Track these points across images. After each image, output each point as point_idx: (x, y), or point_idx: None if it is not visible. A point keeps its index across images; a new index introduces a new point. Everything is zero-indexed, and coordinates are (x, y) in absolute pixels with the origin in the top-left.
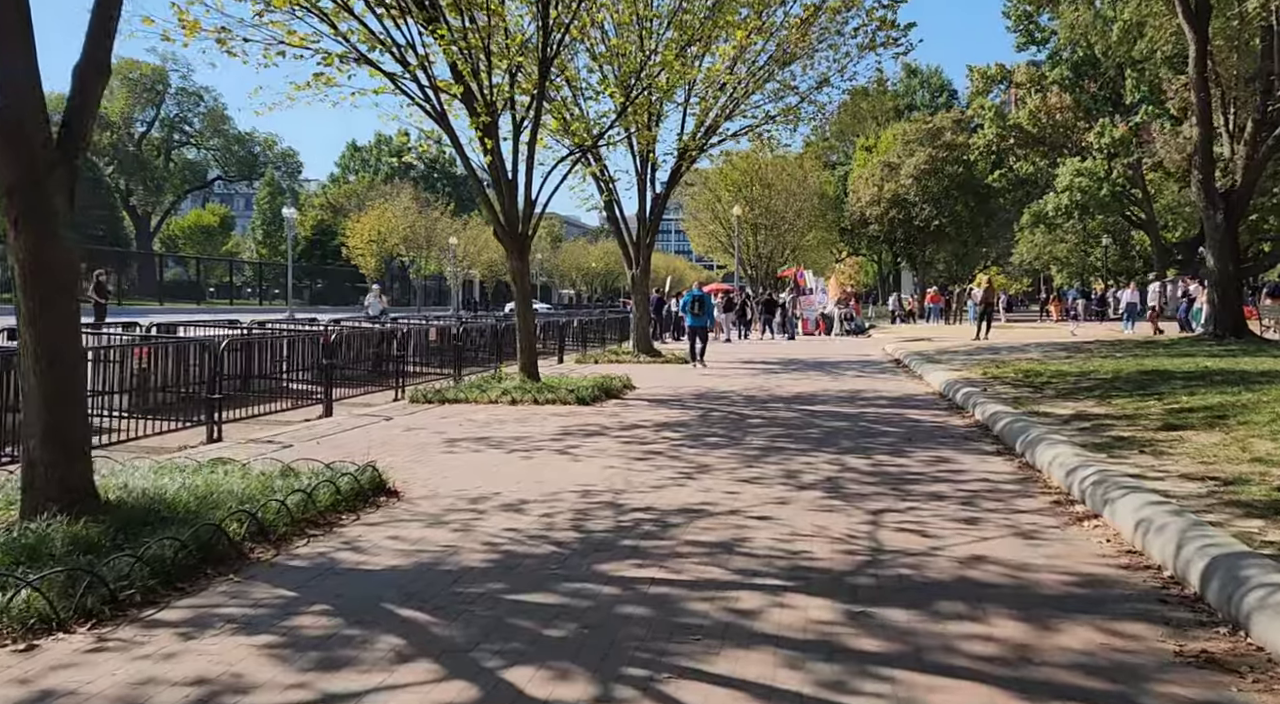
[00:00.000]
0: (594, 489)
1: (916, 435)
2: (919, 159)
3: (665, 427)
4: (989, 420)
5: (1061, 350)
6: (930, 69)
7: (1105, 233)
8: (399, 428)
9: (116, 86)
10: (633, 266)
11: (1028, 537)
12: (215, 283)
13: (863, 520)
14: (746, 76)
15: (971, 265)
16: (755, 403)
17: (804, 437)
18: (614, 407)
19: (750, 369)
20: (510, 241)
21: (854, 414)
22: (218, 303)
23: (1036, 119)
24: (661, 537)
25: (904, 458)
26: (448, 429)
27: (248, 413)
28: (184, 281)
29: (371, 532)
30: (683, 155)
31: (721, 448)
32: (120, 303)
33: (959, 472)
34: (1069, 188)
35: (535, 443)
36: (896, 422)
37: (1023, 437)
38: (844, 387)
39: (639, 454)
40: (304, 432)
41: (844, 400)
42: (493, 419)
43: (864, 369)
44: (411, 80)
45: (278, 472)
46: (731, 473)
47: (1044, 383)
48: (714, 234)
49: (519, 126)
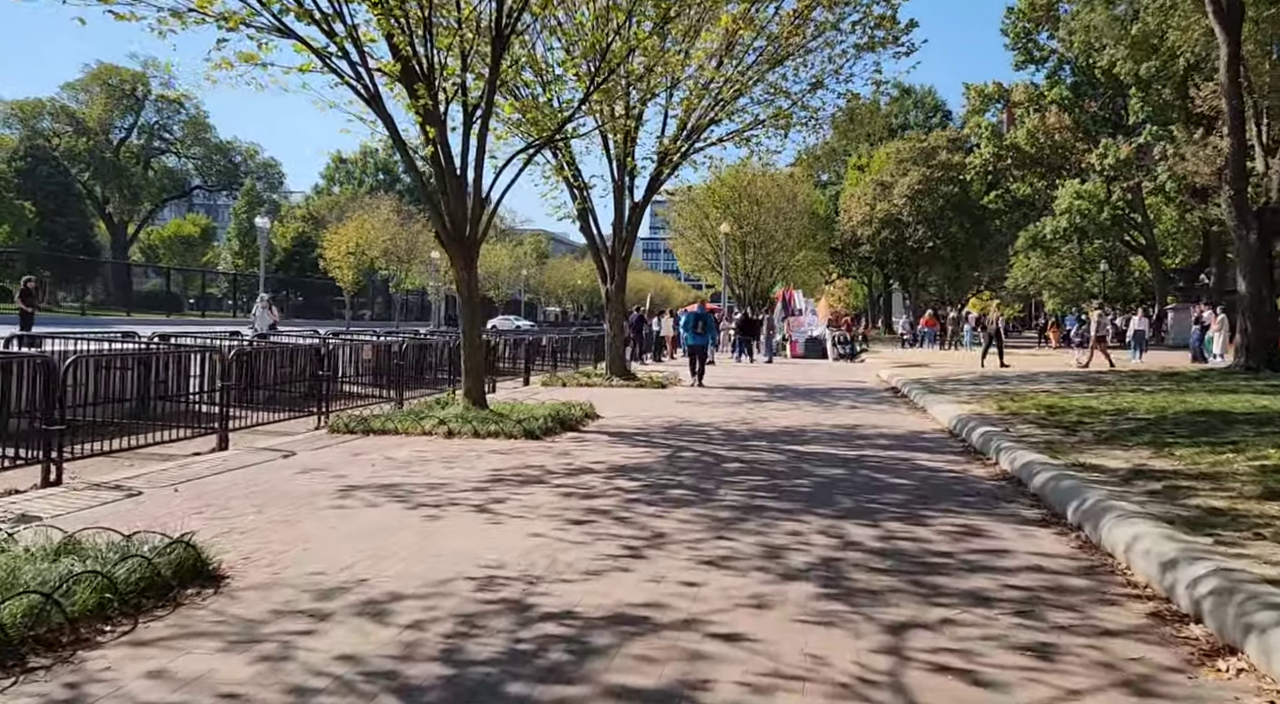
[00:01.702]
0: (501, 575)
1: (933, 491)
2: (913, 178)
3: (621, 472)
4: (1021, 472)
5: (1077, 381)
6: (924, 89)
7: (1103, 258)
8: (293, 468)
9: (95, 92)
10: (607, 281)
11: (1141, 692)
12: (196, 294)
13: (879, 644)
14: (735, 76)
15: (964, 289)
16: (734, 440)
17: (792, 490)
18: (567, 442)
19: (733, 396)
20: (455, 247)
21: (852, 458)
22: (190, 315)
23: (1034, 139)
24: (574, 676)
25: (921, 526)
26: (352, 471)
27: (127, 444)
28: (160, 292)
29: (132, 662)
30: (663, 160)
31: (686, 505)
32: (85, 313)
33: (999, 552)
34: (1068, 210)
35: (453, 494)
36: (905, 470)
37: (1076, 502)
38: (838, 420)
39: (578, 514)
40: (176, 471)
41: (839, 439)
42: (416, 457)
43: (859, 398)
44: (341, 57)
45: (53, 547)
46: (694, 548)
47: (1075, 422)
48: (701, 252)
49: (470, 115)
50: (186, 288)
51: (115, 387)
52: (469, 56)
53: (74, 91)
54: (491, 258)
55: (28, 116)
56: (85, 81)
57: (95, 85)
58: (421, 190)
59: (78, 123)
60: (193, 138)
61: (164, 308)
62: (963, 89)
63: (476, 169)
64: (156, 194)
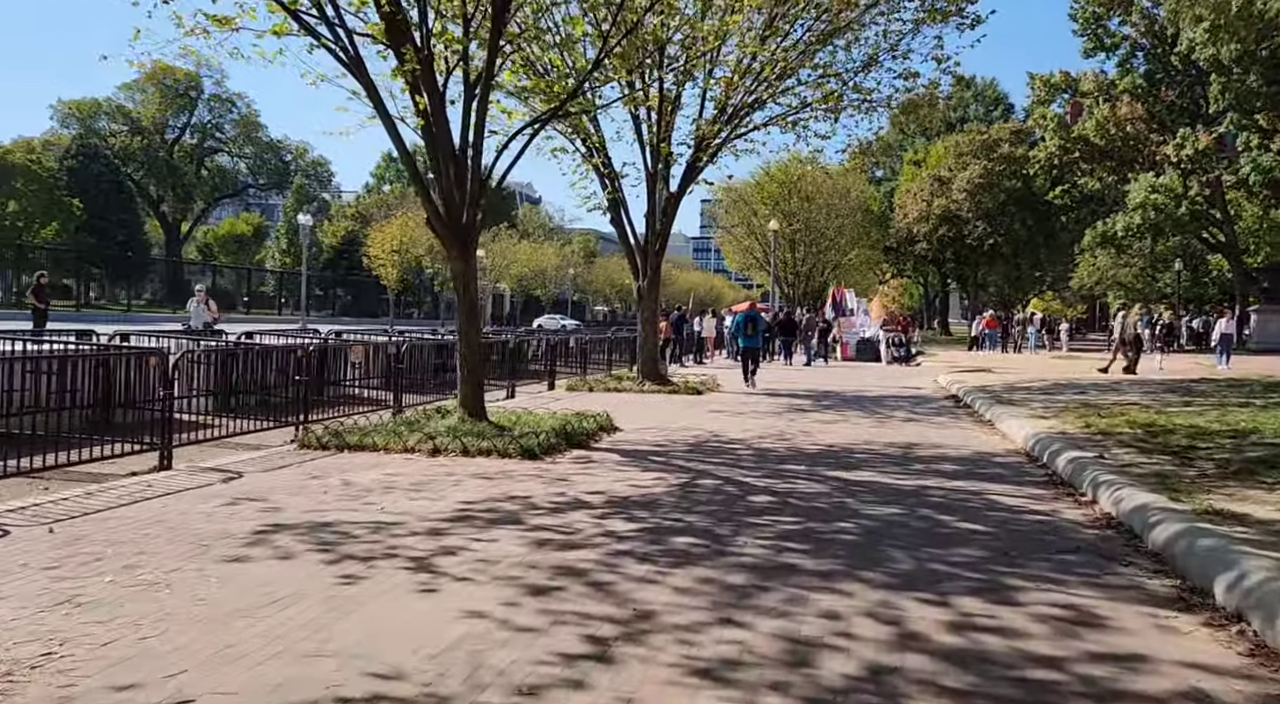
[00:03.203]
0: (391, 697)
1: (1017, 543)
2: (973, 172)
3: (620, 508)
4: (1131, 518)
5: (1167, 391)
6: (984, 81)
7: (1177, 256)
8: (223, 497)
9: (150, 91)
10: (639, 277)
11: None
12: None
13: None
14: (780, 54)
15: (1025, 289)
16: (767, 463)
17: (832, 540)
18: (569, 464)
19: (773, 404)
20: (449, 234)
21: (909, 489)
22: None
23: (1105, 130)
24: None
25: (1010, 606)
26: (293, 503)
27: (57, 460)
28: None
29: None
30: (700, 146)
31: (690, 562)
32: (130, 310)
33: (1130, 660)
34: (1142, 205)
35: (397, 540)
36: (977, 509)
37: (1231, 576)
38: (892, 436)
39: (544, 576)
40: (82, 500)
41: (893, 462)
42: (381, 483)
43: (916, 408)
44: (317, 16)
45: None
46: (687, 642)
47: (1186, 447)
48: (749, 250)
49: (472, 87)
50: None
51: (42, 391)
52: (471, 19)
53: (130, 91)
54: (539, 257)
55: (85, 116)
56: (141, 82)
57: (150, 85)
58: (410, 171)
59: (133, 122)
60: (244, 136)
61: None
62: (1027, 79)
63: (475, 147)
64: (209, 193)
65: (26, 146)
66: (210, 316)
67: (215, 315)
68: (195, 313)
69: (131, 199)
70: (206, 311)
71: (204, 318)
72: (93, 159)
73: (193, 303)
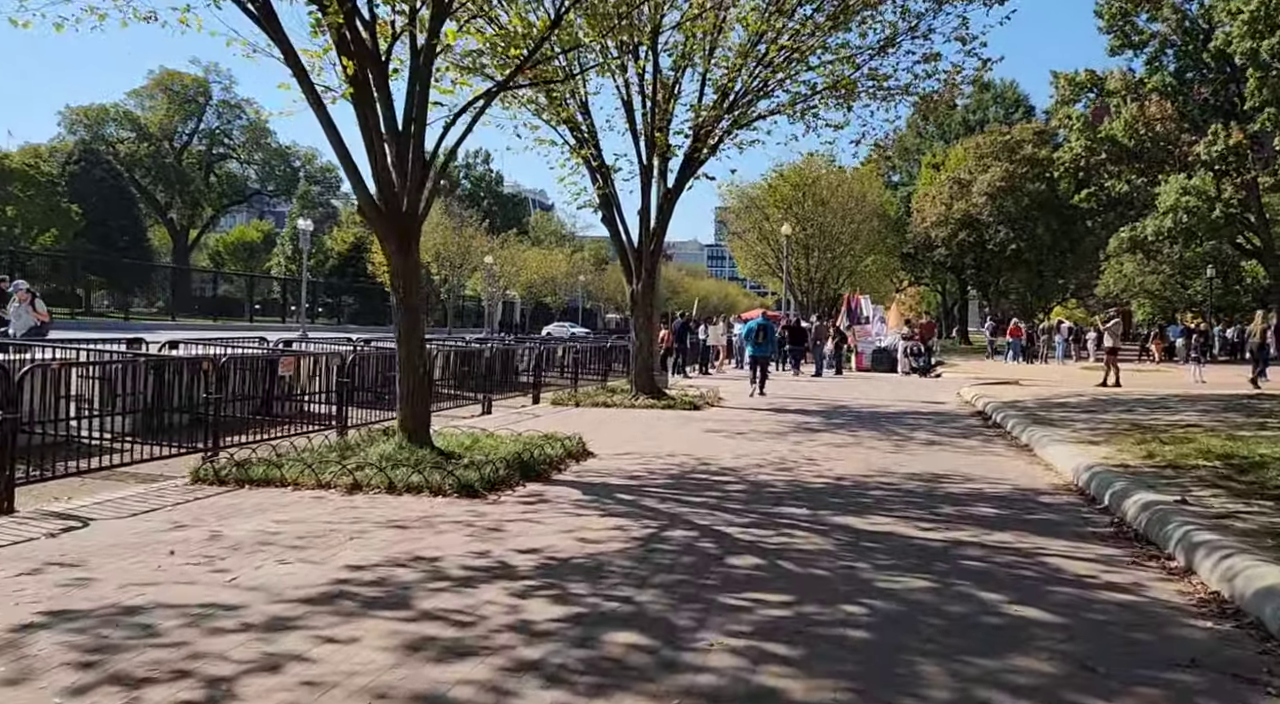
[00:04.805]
0: None
1: (1098, 652)
2: (994, 175)
3: (553, 578)
4: (1257, 606)
5: (1226, 409)
6: (1004, 83)
7: (1208, 262)
8: (30, 561)
9: (158, 97)
10: (633, 280)
11: None
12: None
13: None
14: (785, 30)
15: (1048, 297)
16: (760, 502)
17: (834, 638)
18: (513, 504)
19: (778, 422)
20: (385, 224)
21: (938, 548)
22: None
23: (1133, 131)
24: None
25: None
26: (112, 574)
27: None
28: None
29: None
30: (699, 135)
31: (621, 689)
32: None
33: None
34: (1173, 209)
35: (216, 639)
36: (1033, 582)
37: None
38: (913, 466)
39: None
40: None
41: (915, 502)
42: (258, 535)
43: (939, 427)
44: None
45: None
46: None
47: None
48: (761, 256)
49: (418, 56)
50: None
51: None
52: None
53: (138, 97)
54: (549, 263)
55: (93, 122)
56: (149, 88)
57: (159, 91)
58: (338, 150)
59: (141, 128)
60: (253, 142)
61: (225, 313)
62: (1050, 78)
63: (419, 121)
64: (218, 200)
65: (33, 152)
66: (37, 320)
67: (43, 318)
68: (15, 315)
69: (134, 204)
70: (31, 314)
71: (29, 322)
72: (95, 163)
73: (13, 305)
